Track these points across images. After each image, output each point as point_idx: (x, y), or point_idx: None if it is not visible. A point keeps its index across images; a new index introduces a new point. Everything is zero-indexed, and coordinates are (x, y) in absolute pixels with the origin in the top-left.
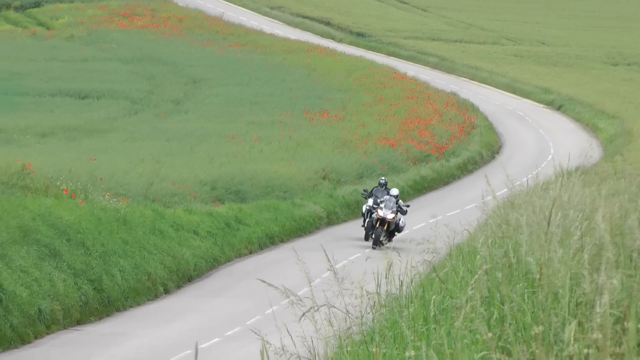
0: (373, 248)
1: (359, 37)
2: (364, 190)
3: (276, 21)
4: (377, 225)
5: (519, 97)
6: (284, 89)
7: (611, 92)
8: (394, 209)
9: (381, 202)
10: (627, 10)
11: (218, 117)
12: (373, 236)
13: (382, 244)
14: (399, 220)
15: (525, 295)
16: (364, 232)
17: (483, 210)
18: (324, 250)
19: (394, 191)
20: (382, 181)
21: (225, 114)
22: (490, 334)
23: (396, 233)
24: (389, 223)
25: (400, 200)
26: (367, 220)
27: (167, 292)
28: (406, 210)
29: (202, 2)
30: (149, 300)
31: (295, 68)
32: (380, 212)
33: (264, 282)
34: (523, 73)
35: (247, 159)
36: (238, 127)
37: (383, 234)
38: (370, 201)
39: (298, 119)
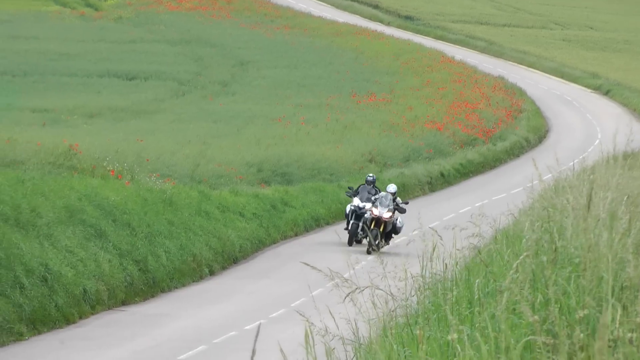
0: (368, 253)
1: (407, 20)
2: (349, 188)
3: (324, 4)
4: (372, 226)
5: (567, 82)
6: (331, 72)
7: None
8: (391, 207)
9: (376, 199)
10: None
11: (265, 99)
12: (359, 240)
13: (378, 248)
14: (397, 219)
15: (571, 280)
16: (347, 236)
17: (529, 194)
18: (369, 234)
19: (391, 187)
20: (369, 178)
21: (273, 96)
22: (535, 317)
23: (393, 235)
24: (386, 223)
25: (398, 198)
26: (351, 222)
27: (212, 273)
28: (405, 209)
29: None
30: (194, 281)
31: (342, 51)
32: (375, 211)
33: (308, 265)
34: (571, 58)
35: (294, 141)
36: (285, 110)
37: (379, 235)
38: (356, 200)
39: (345, 102)
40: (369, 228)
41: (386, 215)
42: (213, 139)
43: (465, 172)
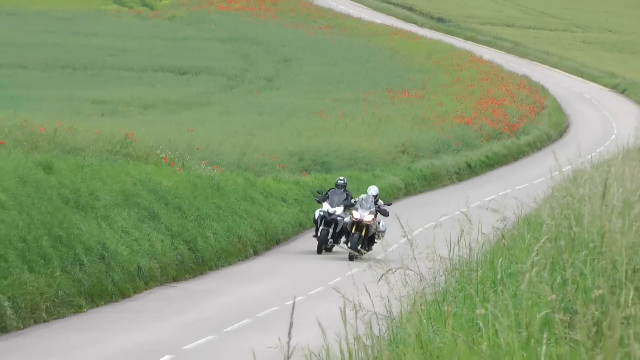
0: (350, 259)
1: (439, 22)
2: (318, 192)
3: (362, 6)
4: (353, 230)
5: (586, 81)
6: (368, 69)
7: None
8: (372, 210)
9: (356, 201)
10: None
11: (307, 93)
12: (329, 247)
13: (360, 255)
14: (380, 223)
15: (587, 262)
16: (316, 243)
17: (550, 184)
18: (399, 219)
19: (373, 189)
20: (339, 182)
21: (314, 91)
22: (553, 296)
23: (376, 240)
24: (367, 227)
25: (380, 200)
26: (320, 228)
27: (256, 253)
28: (387, 212)
29: None
30: (239, 260)
31: (379, 50)
32: (356, 214)
33: (344, 246)
34: (590, 58)
35: (333, 133)
36: (325, 104)
37: (360, 240)
38: (325, 206)
39: (380, 97)
40: (349, 233)
41: (367, 218)
42: (258, 130)
43: (491, 163)
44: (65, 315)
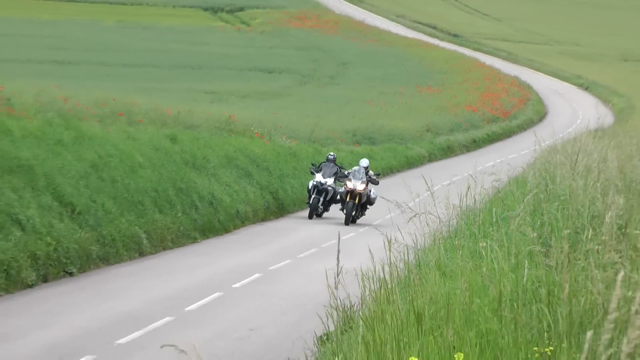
0: (346, 224)
1: (454, 37)
2: (312, 165)
3: (400, 25)
4: (347, 198)
5: (560, 81)
6: (403, 71)
7: (622, 79)
8: (364, 180)
9: (349, 173)
10: (636, 22)
11: (359, 88)
12: (319, 213)
13: (356, 220)
14: (370, 191)
15: (558, 210)
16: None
17: (533, 154)
18: (424, 178)
19: (364, 162)
20: (330, 157)
21: (364, 86)
22: (535, 234)
23: (368, 206)
24: (360, 195)
25: (370, 171)
26: (313, 196)
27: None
28: (377, 181)
29: (350, 11)
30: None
31: (411, 57)
32: (350, 184)
33: (384, 198)
34: (563, 65)
35: (377, 116)
36: (371, 95)
37: (354, 207)
38: (318, 177)
39: (411, 91)
40: (344, 201)
41: (360, 187)
42: (323, 114)
43: (490, 139)
44: (184, 244)
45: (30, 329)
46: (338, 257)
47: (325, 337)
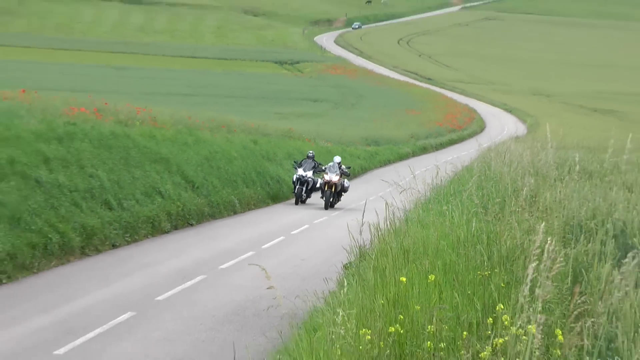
0: (325, 208)
1: (429, 80)
2: (294, 162)
3: (394, 72)
4: (326, 188)
5: (493, 107)
6: (396, 101)
7: (532, 106)
8: (338, 173)
9: (326, 168)
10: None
11: (369, 111)
12: (303, 200)
13: (334, 205)
14: (344, 181)
15: (493, 186)
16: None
17: (477, 152)
18: (410, 168)
19: (337, 158)
20: (309, 154)
21: (372, 110)
22: (478, 201)
23: (343, 193)
24: (335, 185)
25: (342, 166)
26: (297, 187)
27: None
28: (349, 173)
29: (364, 63)
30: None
31: (401, 92)
32: (326, 177)
33: (383, 180)
34: (496, 97)
35: (380, 129)
36: (377, 116)
37: (332, 195)
38: (300, 171)
39: (402, 113)
40: (323, 190)
41: (335, 178)
42: (347, 127)
43: (450, 143)
44: (262, 207)
45: (166, 259)
46: (363, 214)
47: (348, 264)
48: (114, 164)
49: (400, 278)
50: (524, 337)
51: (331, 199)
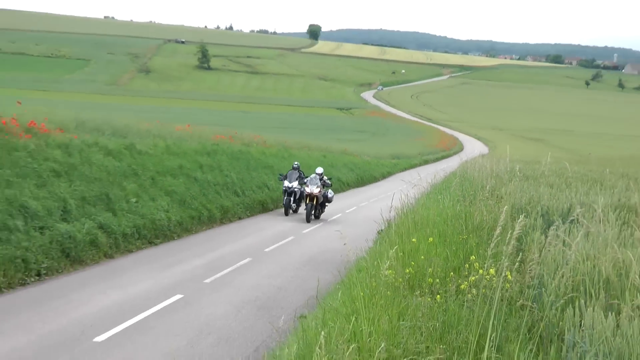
0: (307, 221)
1: (430, 120)
2: (280, 175)
3: (408, 115)
4: (308, 200)
5: (469, 136)
6: (410, 132)
7: (493, 135)
8: (319, 184)
9: (307, 180)
10: (502, 113)
11: (394, 138)
12: (294, 210)
13: (319, 216)
14: (328, 192)
15: (469, 184)
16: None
17: (460, 164)
18: (418, 174)
19: (319, 169)
20: (295, 165)
21: (395, 138)
22: (459, 193)
23: (327, 204)
24: (317, 197)
25: (324, 177)
26: (285, 198)
27: (384, 177)
28: (330, 184)
29: (389, 109)
30: (382, 178)
31: (414, 127)
32: (308, 189)
33: (403, 180)
34: (470, 130)
35: (400, 148)
36: (398, 141)
37: (314, 207)
38: (286, 183)
39: (413, 139)
40: (306, 202)
41: (316, 191)
42: (381, 147)
43: (443, 157)
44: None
45: (271, 227)
46: (392, 199)
47: (380, 231)
48: (240, 168)
49: (412, 239)
50: (486, 276)
51: (313, 212)
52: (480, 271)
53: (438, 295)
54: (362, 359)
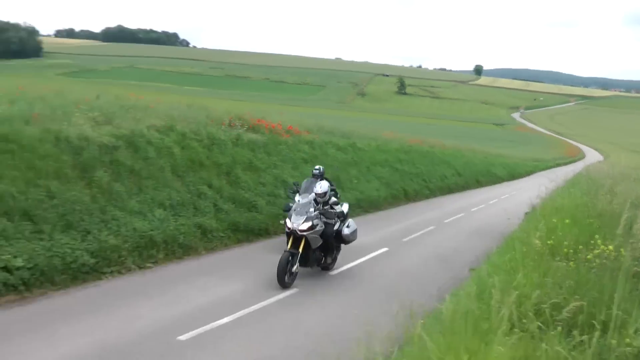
0: (282, 286)
1: (559, 134)
2: (294, 184)
3: (546, 130)
4: (289, 246)
5: (589, 147)
6: (546, 143)
7: (606, 148)
8: (312, 215)
9: (290, 206)
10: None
11: (533, 147)
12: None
13: (328, 268)
14: (344, 226)
15: (592, 183)
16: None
17: (583, 167)
18: (555, 172)
19: (319, 187)
20: (315, 171)
21: (534, 146)
22: (585, 188)
23: (342, 244)
24: (306, 239)
25: (333, 198)
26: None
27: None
28: (342, 212)
29: (533, 126)
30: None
31: (548, 139)
32: (289, 223)
33: (544, 177)
34: (591, 143)
35: (539, 154)
36: (537, 149)
37: (306, 258)
38: (297, 198)
39: (548, 148)
40: (287, 244)
41: (302, 227)
42: (525, 153)
43: (570, 162)
44: (473, 189)
45: (414, 217)
46: (538, 190)
47: (527, 212)
48: (427, 163)
49: (552, 219)
50: (606, 251)
51: (293, 269)
52: (602, 247)
53: (572, 262)
54: (521, 301)
